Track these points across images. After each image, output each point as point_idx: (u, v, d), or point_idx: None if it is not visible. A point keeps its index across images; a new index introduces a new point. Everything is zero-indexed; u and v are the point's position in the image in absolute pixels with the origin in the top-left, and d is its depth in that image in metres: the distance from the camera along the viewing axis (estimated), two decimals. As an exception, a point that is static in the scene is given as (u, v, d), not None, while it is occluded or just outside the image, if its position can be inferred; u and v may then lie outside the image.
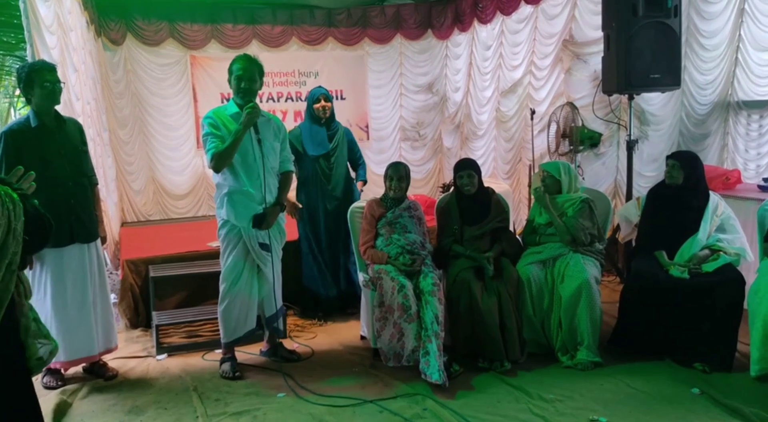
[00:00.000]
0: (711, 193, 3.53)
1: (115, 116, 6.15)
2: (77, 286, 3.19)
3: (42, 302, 3.12)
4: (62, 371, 3.31)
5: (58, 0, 3.92)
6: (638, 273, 3.46)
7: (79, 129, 3.31)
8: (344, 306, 4.33)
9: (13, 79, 6.81)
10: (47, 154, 3.06)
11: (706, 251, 3.39)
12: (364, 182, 4.51)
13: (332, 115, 4.31)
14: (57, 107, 3.17)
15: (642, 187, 4.74)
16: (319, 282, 4.29)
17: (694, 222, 3.45)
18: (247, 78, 3.23)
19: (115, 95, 6.17)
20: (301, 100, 6.95)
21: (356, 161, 4.48)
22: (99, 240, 3.35)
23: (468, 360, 3.34)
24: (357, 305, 3.93)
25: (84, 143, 3.31)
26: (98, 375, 3.34)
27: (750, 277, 3.26)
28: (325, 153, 4.26)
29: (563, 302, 3.38)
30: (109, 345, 3.41)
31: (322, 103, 4.22)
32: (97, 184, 3.42)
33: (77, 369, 3.39)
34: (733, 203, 3.73)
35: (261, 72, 3.30)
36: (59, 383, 3.24)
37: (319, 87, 4.44)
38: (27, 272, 3.14)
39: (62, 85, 3.12)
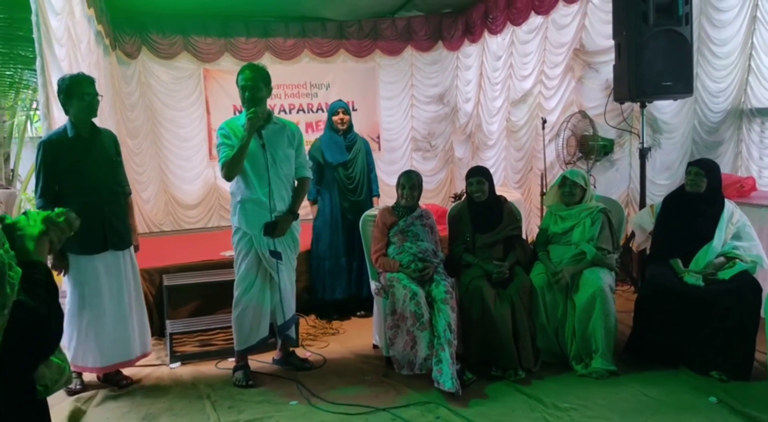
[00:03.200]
0: (726, 200, 3.51)
1: (126, 127, 6.23)
2: (113, 293, 3.25)
3: (80, 309, 3.18)
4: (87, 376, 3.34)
5: (69, 12, 3.99)
6: (653, 281, 3.43)
7: (113, 140, 3.39)
8: (355, 309, 4.46)
9: (30, 92, 6.93)
10: (82, 164, 3.15)
11: (722, 258, 3.36)
12: (377, 196, 4.63)
13: (350, 126, 4.47)
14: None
15: (655, 195, 4.71)
16: (329, 287, 4.39)
17: (709, 229, 3.42)
18: (251, 87, 3.22)
19: (126, 107, 6.25)
20: (313, 111, 7.03)
21: (369, 173, 4.59)
22: (132, 248, 3.41)
23: (481, 369, 3.32)
24: (369, 307, 3.98)
25: (118, 154, 3.40)
26: (113, 383, 3.36)
27: (767, 285, 3.22)
28: (344, 161, 4.40)
29: (577, 310, 3.36)
30: (145, 350, 3.47)
31: (341, 115, 4.40)
32: (130, 193, 3.48)
33: (92, 376, 3.40)
34: (748, 211, 3.69)
35: (266, 79, 3.27)
36: (78, 387, 3.28)
37: (339, 100, 4.65)
38: (62, 278, 3.21)
39: (100, 97, 3.21)
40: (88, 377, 3.39)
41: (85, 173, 3.15)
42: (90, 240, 3.12)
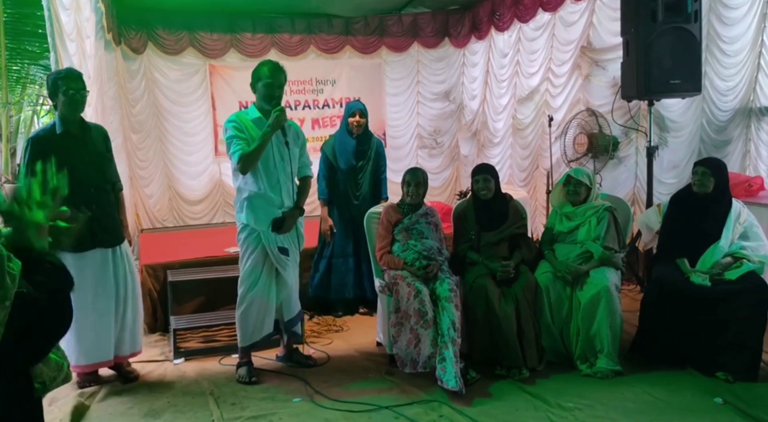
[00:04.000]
0: (733, 199, 3.47)
1: (130, 122, 6.22)
2: (101, 292, 3.21)
3: None
4: (98, 372, 3.34)
5: (77, 8, 3.99)
6: (659, 280, 3.41)
7: (103, 135, 3.35)
8: (357, 307, 4.46)
9: (37, 87, 6.95)
10: (71, 161, 3.09)
11: (729, 258, 3.33)
12: (386, 199, 4.52)
13: (366, 129, 4.37)
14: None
15: (662, 194, 4.68)
16: (332, 286, 4.38)
17: (716, 229, 3.39)
18: (279, 86, 3.27)
19: (130, 102, 6.24)
20: (318, 107, 7.01)
21: (378, 175, 4.50)
22: (125, 244, 3.37)
23: (485, 367, 3.31)
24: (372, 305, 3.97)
25: (108, 149, 3.36)
26: (121, 374, 3.37)
27: (774, 285, 3.20)
28: (352, 166, 4.34)
29: (582, 309, 3.33)
30: (134, 349, 3.45)
31: (357, 117, 4.29)
32: (121, 189, 3.46)
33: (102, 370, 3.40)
34: (756, 210, 3.66)
35: (286, 79, 3.35)
36: (91, 384, 3.28)
37: (357, 101, 4.55)
38: None
39: (87, 92, 3.16)
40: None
41: (73, 170, 3.08)
42: (78, 238, 3.08)
